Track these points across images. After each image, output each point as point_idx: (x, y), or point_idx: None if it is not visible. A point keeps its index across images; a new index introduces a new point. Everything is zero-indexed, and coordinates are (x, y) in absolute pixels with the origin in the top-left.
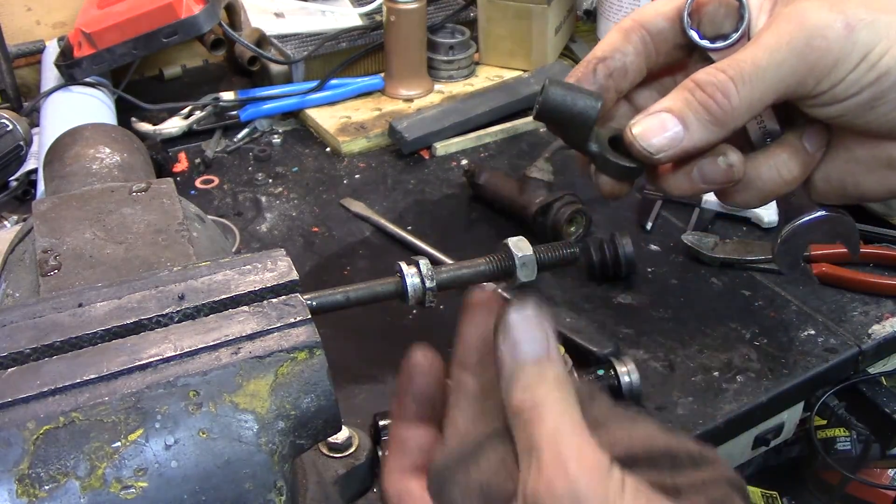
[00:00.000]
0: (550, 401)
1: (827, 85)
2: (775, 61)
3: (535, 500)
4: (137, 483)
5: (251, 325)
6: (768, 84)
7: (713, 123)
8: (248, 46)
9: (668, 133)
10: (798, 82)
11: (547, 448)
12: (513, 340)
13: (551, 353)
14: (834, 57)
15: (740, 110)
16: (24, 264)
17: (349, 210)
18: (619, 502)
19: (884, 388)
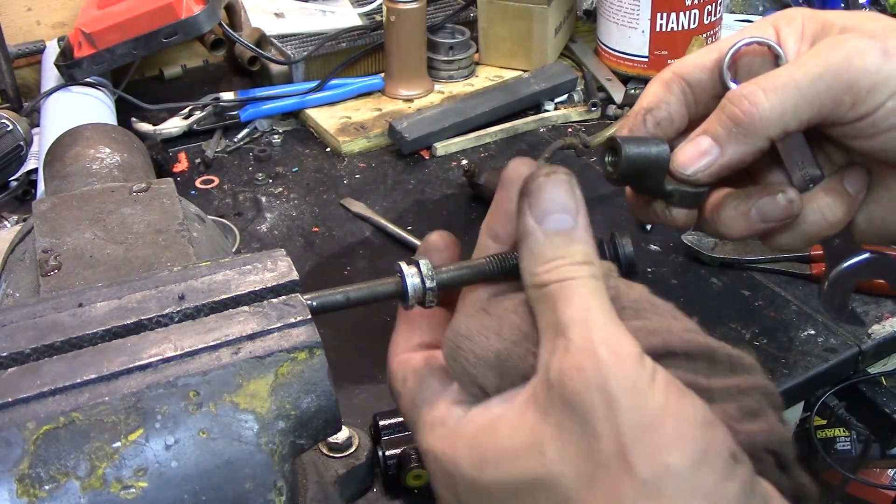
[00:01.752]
0: (579, 279)
1: (864, 109)
2: (811, 75)
3: (560, 382)
4: (137, 483)
5: (251, 325)
6: (802, 96)
7: (743, 134)
8: (248, 46)
9: (705, 154)
10: (834, 100)
11: (576, 329)
12: (541, 207)
13: (581, 226)
14: (871, 80)
15: (770, 119)
16: (24, 264)
17: (349, 210)
18: (650, 394)
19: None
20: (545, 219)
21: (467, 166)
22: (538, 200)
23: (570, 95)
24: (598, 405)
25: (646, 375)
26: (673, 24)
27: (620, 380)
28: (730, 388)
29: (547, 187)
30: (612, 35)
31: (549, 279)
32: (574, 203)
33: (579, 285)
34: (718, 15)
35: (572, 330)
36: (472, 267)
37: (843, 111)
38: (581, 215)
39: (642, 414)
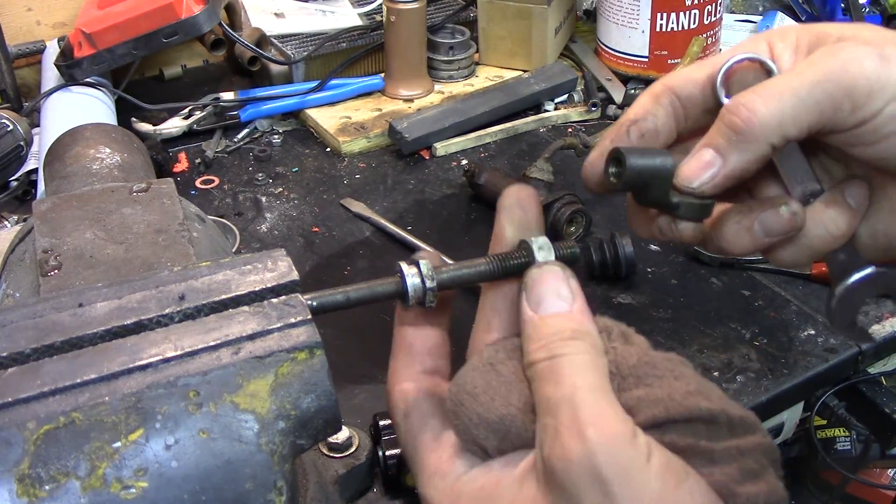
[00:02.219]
0: (569, 355)
1: (864, 115)
2: (809, 81)
3: (551, 465)
4: (138, 483)
5: (251, 325)
6: (801, 102)
7: (743, 142)
8: (248, 46)
9: (708, 166)
10: (834, 106)
11: (564, 409)
12: (535, 296)
13: (575, 307)
14: (869, 85)
15: (770, 124)
16: (24, 264)
17: (349, 210)
18: (644, 479)
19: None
20: (540, 305)
21: (467, 166)
22: (533, 291)
23: (570, 95)
24: (589, 491)
25: (640, 458)
26: (673, 24)
27: (612, 463)
28: (730, 449)
29: (541, 279)
30: (612, 35)
31: (539, 357)
32: (568, 290)
33: (568, 362)
34: (718, 15)
35: (560, 410)
36: (473, 267)
37: (842, 117)
38: (577, 301)
39: (637, 501)
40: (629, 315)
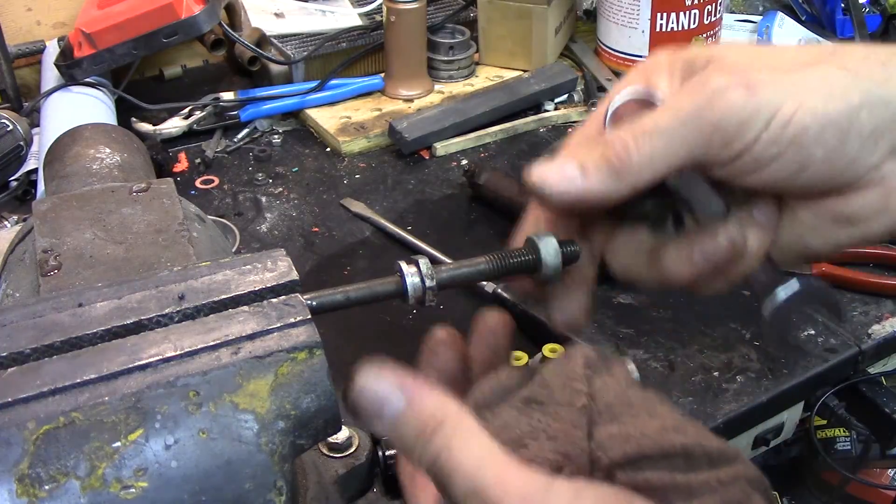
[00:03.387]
0: (444, 448)
1: (739, 147)
2: (677, 120)
3: None
4: (137, 483)
5: (251, 325)
6: (670, 141)
7: (611, 176)
8: (248, 46)
9: (569, 179)
10: (705, 143)
11: (469, 497)
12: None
13: (410, 395)
14: (738, 118)
15: (641, 164)
16: (24, 264)
17: (349, 210)
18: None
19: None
20: (383, 419)
21: (467, 166)
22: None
23: (570, 95)
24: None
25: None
26: (673, 24)
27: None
28: (710, 481)
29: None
30: (612, 35)
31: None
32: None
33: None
34: (718, 15)
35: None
36: (473, 266)
37: (716, 151)
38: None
39: None
40: (629, 315)
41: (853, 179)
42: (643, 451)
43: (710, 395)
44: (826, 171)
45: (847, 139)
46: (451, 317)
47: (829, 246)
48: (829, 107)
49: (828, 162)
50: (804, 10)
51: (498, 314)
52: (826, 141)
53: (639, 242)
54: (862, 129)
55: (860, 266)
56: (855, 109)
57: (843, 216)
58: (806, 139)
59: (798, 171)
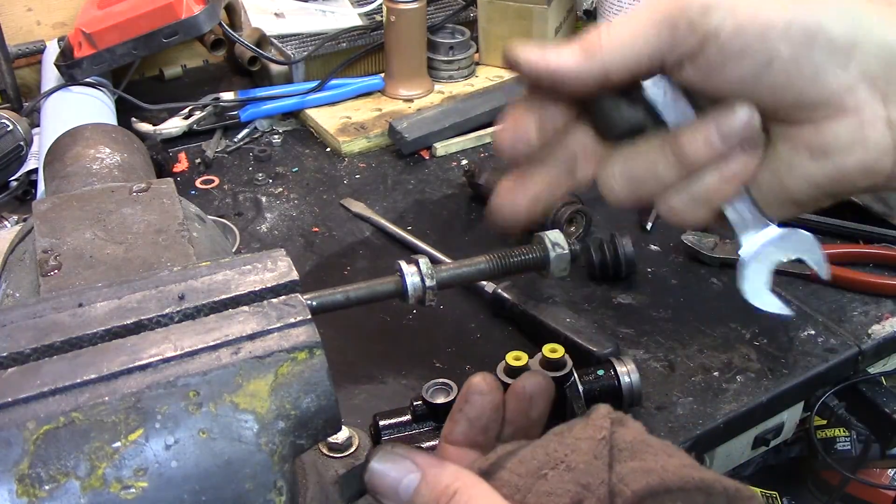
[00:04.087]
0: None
1: (703, 32)
2: (647, 7)
3: None
4: (137, 483)
5: (251, 325)
6: (638, 24)
7: (583, 54)
8: (248, 46)
9: (542, 53)
10: (671, 27)
11: None
12: (389, 492)
13: (424, 468)
14: (702, 2)
15: (611, 45)
16: (24, 264)
17: (349, 210)
18: None
19: (884, 388)
20: (398, 495)
21: (467, 166)
22: (383, 491)
23: None
24: None
25: None
26: None
27: None
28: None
29: (377, 475)
30: None
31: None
32: (405, 460)
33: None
34: None
35: None
36: (473, 265)
37: (681, 36)
38: (420, 460)
39: None
40: (629, 315)
41: (822, 99)
42: (666, 483)
43: (710, 395)
44: (794, 75)
45: (814, 43)
46: (451, 317)
47: (803, 182)
48: (799, 8)
49: (794, 63)
50: None
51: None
52: (793, 38)
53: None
54: (832, 38)
55: (860, 266)
56: (827, 17)
57: (817, 146)
58: (772, 34)
59: (764, 68)
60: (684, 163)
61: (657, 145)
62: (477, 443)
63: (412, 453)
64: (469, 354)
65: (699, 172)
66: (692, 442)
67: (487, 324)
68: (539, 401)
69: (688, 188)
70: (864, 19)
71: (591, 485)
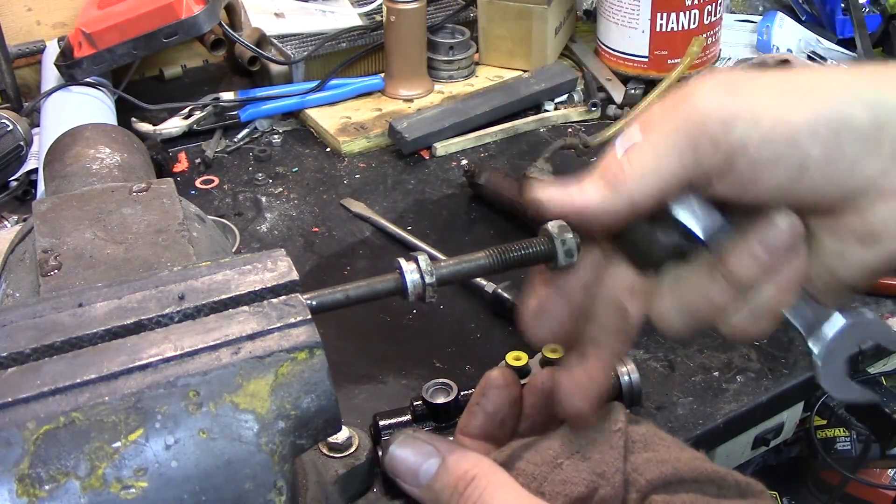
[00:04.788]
0: (478, 500)
1: (728, 148)
2: (664, 131)
3: None
4: (137, 483)
5: (251, 325)
6: (659, 150)
7: (607, 188)
8: (248, 46)
9: (566, 191)
10: (693, 147)
11: None
12: (408, 475)
13: (445, 453)
14: (720, 116)
15: (634, 175)
16: (24, 264)
17: (349, 210)
18: None
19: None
20: (417, 478)
21: (467, 166)
22: (402, 474)
23: (570, 95)
24: None
25: None
26: (673, 24)
27: None
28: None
29: (398, 458)
30: (612, 35)
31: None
32: (427, 445)
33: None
34: (718, 15)
35: None
36: (472, 261)
37: (707, 155)
38: (441, 446)
39: None
40: None
41: (861, 187)
42: (679, 473)
43: (710, 395)
44: (830, 172)
45: (844, 136)
46: (451, 317)
47: (857, 270)
48: (819, 105)
49: (828, 162)
50: (804, 10)
51: (501, 371)
52: (822, 137)
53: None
54: (859, 127)
55: None
56: (848, 105)
57: (864, 233)
58: (800, 137)
59: (799, 173)
60: (736, 283)
61: (704, 271)
62: (493, 436)
63: (433, 438)
64: (469, 354)
65: (756, 289)
66: (692, 442)
67: (487, 324)
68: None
69: (748, 306)
70: (885, 100)
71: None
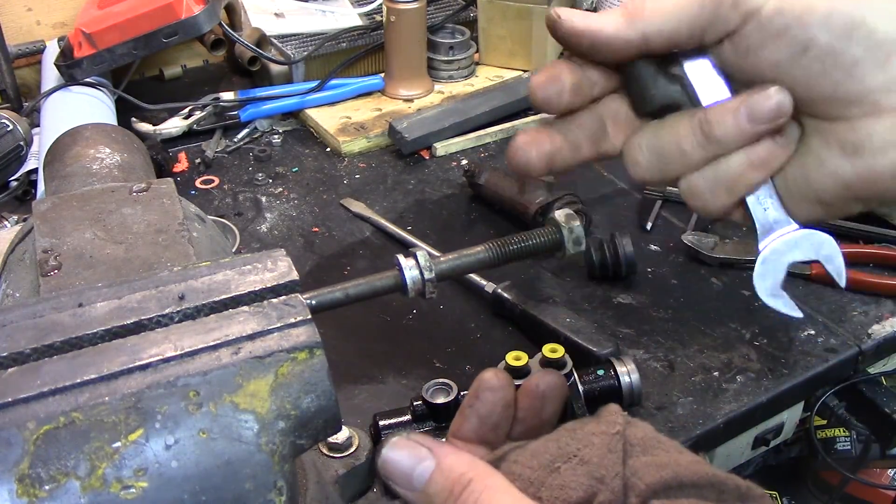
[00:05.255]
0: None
1: (747, 8)
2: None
3: None
4: (137, 483)
5: (251, 325)
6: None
7: (624, 19)
8: (248, 46)
9: (585, 15)
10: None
11: None
12: (401, 478)
13: (440, 457)
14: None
15: (653, 10)
16: (24, 264)
17: (349, 210)
18: None
19: (884, 388)
20: (412, 482)
21: (467, 166)
22: (396, 477)
23: None
24: None
25: None
26: None
27: None
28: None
29: (391, 461)
30: None
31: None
32: (421, 448)
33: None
34: None
35: None
36: (471, 255)
37: (724, 12)
38: (436, 449)
39: None
40: (629, 315)
41: (858, 94)
42: (679, 477)
43: (710, 395)
44: (830, 67)
45: (854, 35)
46: (451, 317)
47: (831, 179)
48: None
49: (831, 54)
50: None
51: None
52: (833, 28)
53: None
54: (873, 32)
55: (860, 266)
56: (872, 10)
57: (850, 143)
58: (813, 20)
59: (801, 51)
60: (711, 140)
61: (687, 121)
62: (486, 440)
63: (427, 441)
64: (469, 354)
65: (726, 156)
66: (692, 442)
67: (487, 324)
68: (552, 400)
69: (713, 169)
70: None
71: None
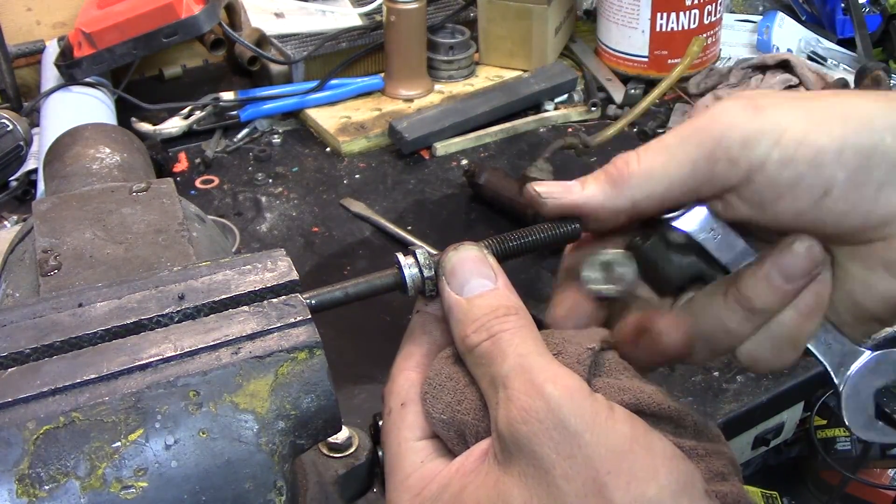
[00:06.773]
0: (509, 332)
1: (747, 165)
2: (679, 136)
3: (510, 431)
4: (137, 483)
5: (251, 325)
6: (671, 156)
7: (609, 185)
8: (248, 46)
9: (565, 187)
10: (707, 158)
11: (515, 377)
12: (458, 280)
13: (502, 285)
14: (741, 133)
15: (639, 176)
16: (24, 264)
17: (349, 210)
18: (614, 426)
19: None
20: (464, 287)
21: (467, 166)
22: (455, 276)
23: (570, 95)
24: (558, 445)
25: (603, 408)
26: (673, 24)
27: (577, 415)
28: (696, 449)
29: (460, 262)
30: (612, 35)
31: (478, 339)
32: (489, 268)
33: (509, 336)
34: (718, 15)
35: (512, 379)
36: None
37: (722, 170)
38: (500, 277)
39: (611, 445)
40: None
41: (889, 215)
42: (639, 404)
43: (710, 395)
44: (855, 199)
45: (871, 162)
46: None
47: (883, 300)
48: (846, 128)
49: (854, 187)
50: (804, 10)
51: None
52: (847, 162)
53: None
54: (890, 153)
55: None
56: (878, 132)
57: (892, 262)
58: (824, 159)
59: (821, 196)
60: (756, 313)
61: (721, 300)
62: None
63: (496, 265)
64: None
65: (775, 317)
66: None
67: None
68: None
69: (767, 334)
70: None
71: None
